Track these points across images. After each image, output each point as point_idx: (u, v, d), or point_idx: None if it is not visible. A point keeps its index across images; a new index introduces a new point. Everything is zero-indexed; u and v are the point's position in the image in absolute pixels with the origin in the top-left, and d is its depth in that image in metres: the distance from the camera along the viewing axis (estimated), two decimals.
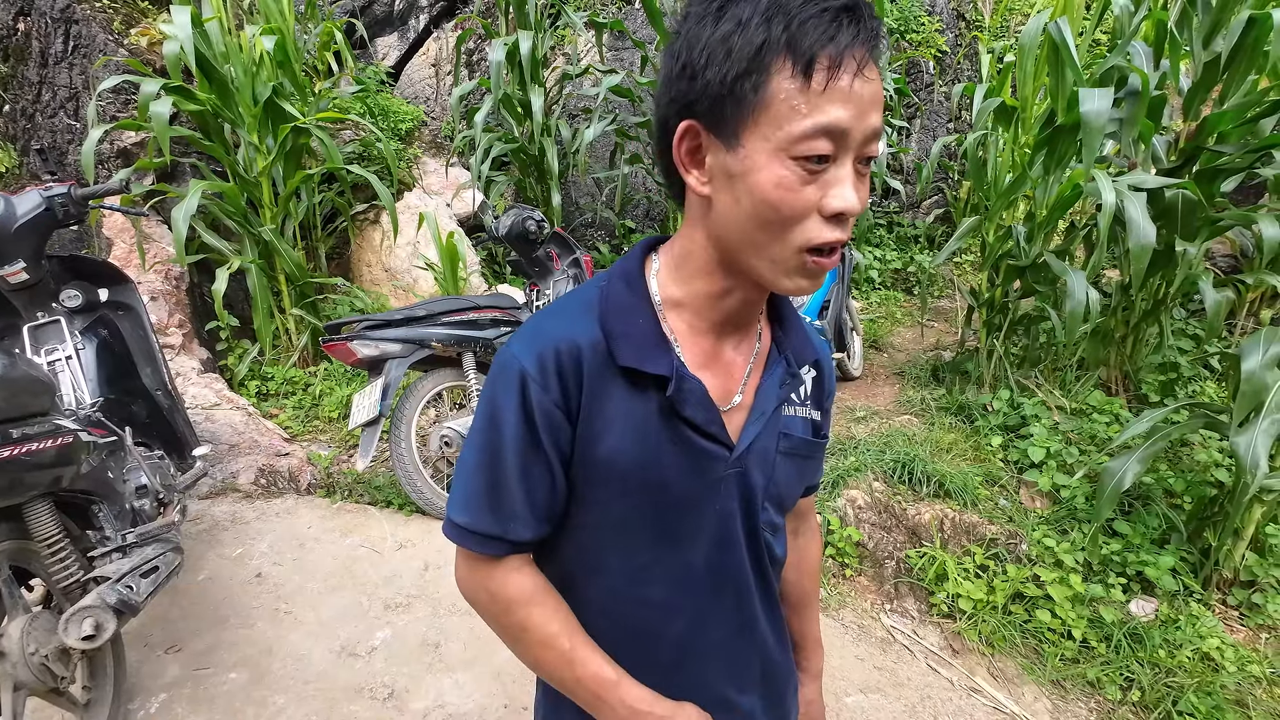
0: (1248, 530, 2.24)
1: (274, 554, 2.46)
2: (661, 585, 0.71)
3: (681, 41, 0.60)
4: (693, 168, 0.63)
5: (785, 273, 0.61)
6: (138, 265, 3.45)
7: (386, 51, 5.57)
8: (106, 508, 1.71)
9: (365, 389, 2.66)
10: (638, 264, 0.71)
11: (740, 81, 0.56)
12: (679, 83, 0.60)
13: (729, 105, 0.57)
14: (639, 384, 0.66)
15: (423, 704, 1.87)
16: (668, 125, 0.63)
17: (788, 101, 0.55)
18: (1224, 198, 2.96)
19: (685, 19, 0.61)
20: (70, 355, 2.08)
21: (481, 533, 0.68)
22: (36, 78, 3.86)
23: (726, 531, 0.72)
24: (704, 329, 0.70)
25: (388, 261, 4.28)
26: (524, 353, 0.65)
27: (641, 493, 0.68)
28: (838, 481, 2.70)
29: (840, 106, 0.55)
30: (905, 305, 5.23)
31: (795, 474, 0.77)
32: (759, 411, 0.71)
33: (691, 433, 0.67)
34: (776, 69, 0.55)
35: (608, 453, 0.66)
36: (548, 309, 0.71)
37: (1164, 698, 1.98)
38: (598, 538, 0.71)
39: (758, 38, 0.55)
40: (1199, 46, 2.75)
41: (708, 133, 0.60)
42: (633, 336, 0.66)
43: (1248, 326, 3.48)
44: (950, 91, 5.51)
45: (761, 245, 0.60)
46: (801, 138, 0.55)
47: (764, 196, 0.58)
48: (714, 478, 0.69)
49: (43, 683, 1.45)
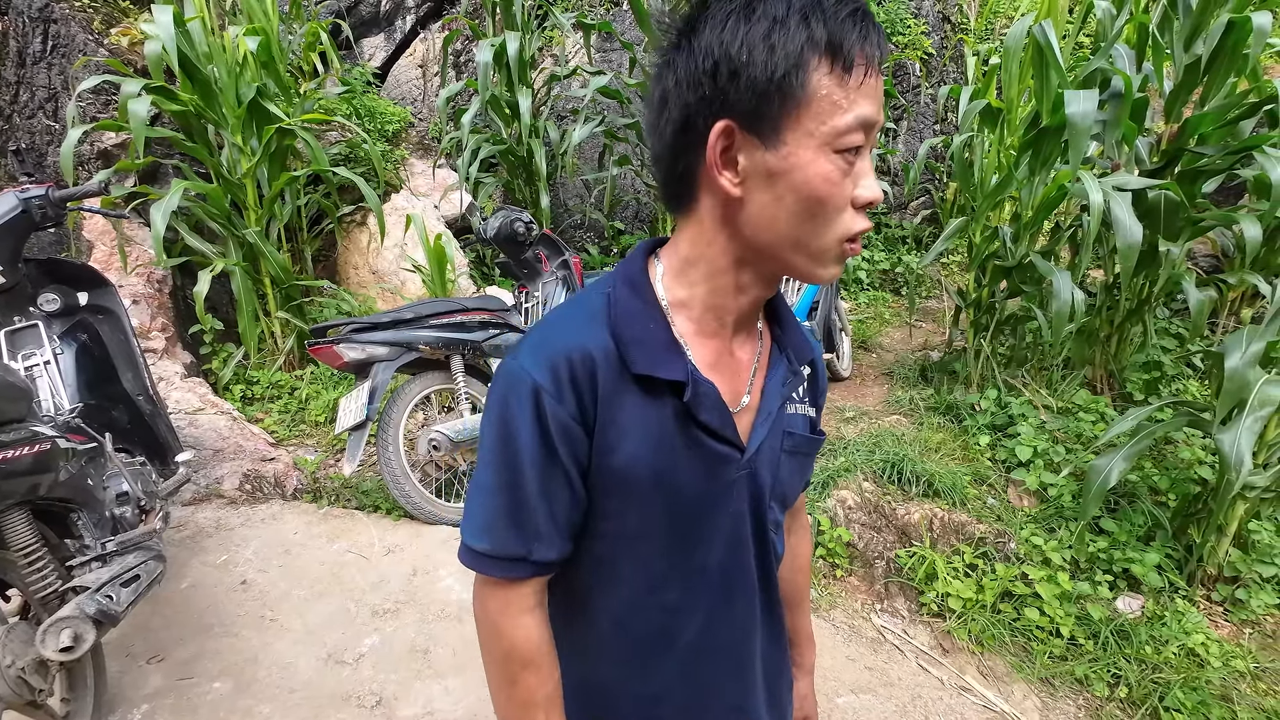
0: (1231, 527, 2.27)
1: (259, 560, 2.43)
2: (677, 590, 0.71)
3: (709, 40, 0.59)
4: (725, 169, 0.62)
5: (824, 263, 0.64)
6: (119, 268, 3.40)
7: (373, 52, 5.53)
8: (86, 515, 1.68)
9: (352, 392, 2.63)
10: (641, 268, 0.70)
11: (788, 78, 0.57)
12: (713, 81, 0.59)
13: (775, 102, 0.58)
14: (653, 390, 0.65)
15: (412, 711, 1.84)
16: (691, 127, 0.62)
17: (829, 97, 0.57)
18: (1205, 198, 3.00)
19: (702, 20, 0.60)
20: (48, 360, 2.04)
21: (506, 556, 0.66)
22: (14, 78, 3.79)
23: (737, 533, 0.72)
24: (711, 330, 0.69)
25: (375, 264, 4.25)
26: (534, 365, 0.63)
27: (658, 500, 0.67)
28: (828, 482, 2.71)
29: (870, 101, 0.59)
30: (893, 306, 5.26)
31: (798, 471, 0.78)
32: (766, 411, 0.71)
33: (706, 437, 0.66)
34: (814, 66, 0.57)
35: (624, 461, 0.65)
36: (551, 318, 0.69)
37: (1151, 693, 2.00)
38: (614, 547, 0.70)
39: (800, 35, 0.57)
40: (1180, 49, 2.79)
41: (743, 132, 0.60)
42: (646, 342, 0.65)
43: (1229, 325, 3.52)
44: (936, 93, 5.55)
45: (805, 239, 0.62)
46: (845, 131, 0.58)
47: (812, 191, 0.59)
48: (727, 480, 0.69)
49: (20, 696, 1.41)
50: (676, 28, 0.63)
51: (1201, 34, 2.72)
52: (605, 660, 0.73)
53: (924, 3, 5.98)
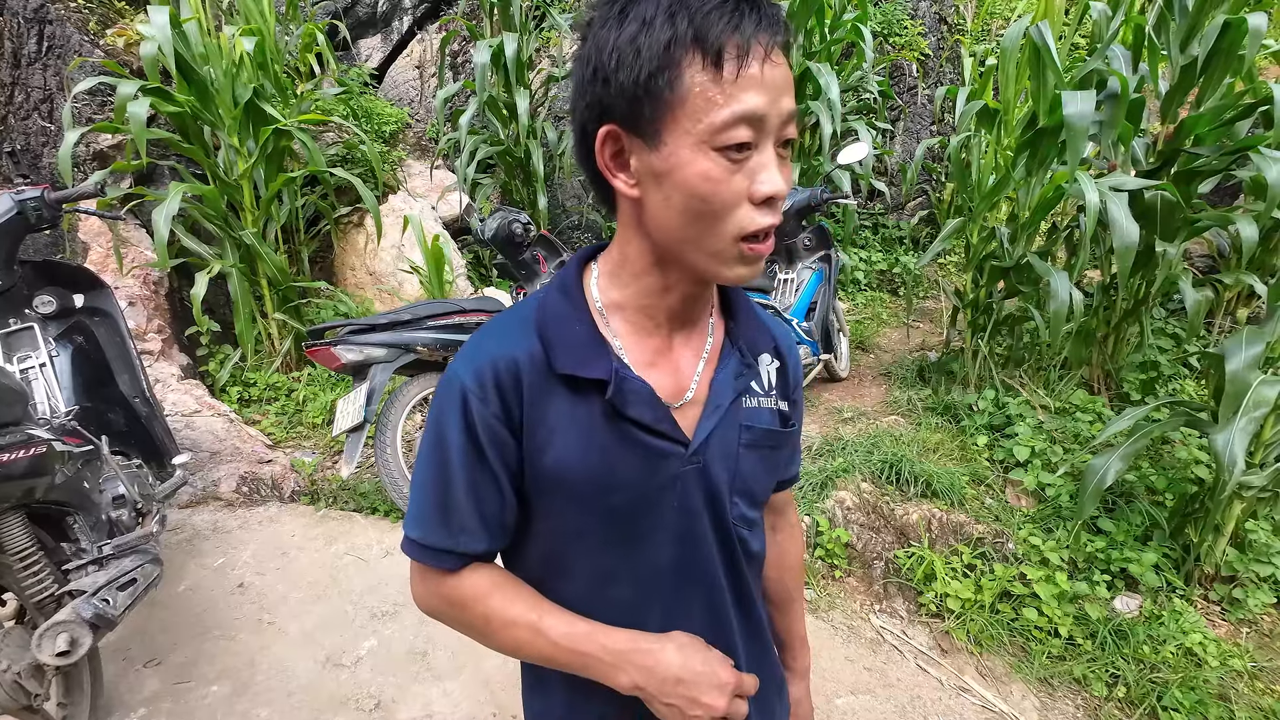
0: (1228, 526, 2.27)
1: (257, 563, 2.42)
2: (628, 586, 0.72)
3: (590, 47, 0.60)
4: (619, 171, 0.63)
5: (724, 263, 0.62)
6: (115, 270, 3.39)
7: (370, 53, 5.52)
8: (82, 519, 1.67)
9: (350, 394, 2.63)
10: (575, 272, 0.72)
11: (654, 79, 0.57)
12: (592, 88, 0.60)
13: (646, 105, 0.58)
14: (580, 390, 0.66)
15: (410, 714, 1.84)
16: (586, 132, 0.63)
17: (703, 94, 0.56)
18: (1201, 199, 3.01)
19: (589, 24, 0.61)
20: (44, 363, 2.04)
21: (434, 546, 0.69)
22: (9, 79, 3.78)
23: (691, 528, 0.72)
24: (649, 328, 0.70)
25: (372, 265, 4.24)
26: (464, 370, 0.66)
27: (595, 497, 0.68)
28: (826, 483, 2.71)
29: (754, 93, 0.56)
30: (891, 306, 5.26)
31: (762, 465, 0.77)
32: (714, 405, 0.71)
33: (640, 432, 0.67)
34: (687, 63, 0.56)
35: (555, 461, 0.66)
36: (487, 325, 0.72)
37: (1149, 693, 2.00)
38: (559, 544, 0.71)
39: (664, 34, 0.56)
40: (1176, 50, 2.80)
41: (628, 135, 0.61)
42: (569, 343, 0.66)
43: (1225, 325, 3.54)
44: (933, 94, 5.56)
45: (697, 239, 0.61)
46: (722, 127, 0.56)
47: (693, 190, 0.58)
48: (669, 474, 0.69)
49: (16, 700, 1.41)
50: (578, 37, 0.64)
51: (1197, 35, 2.72)
52: None
53: (921, 4, 5.99)
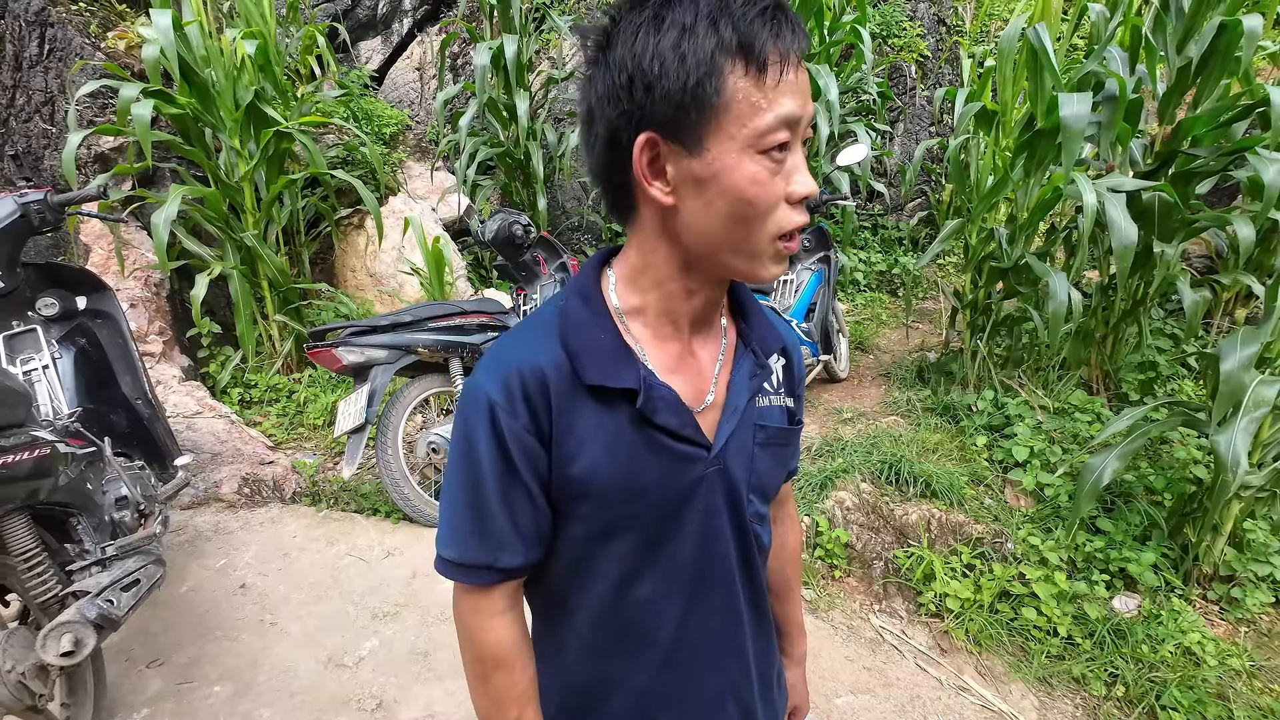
0: (1226, 526, 2.28)
1: (259, 564, 2.43)
2: (650, 585, 0.72)
3: (622, 54, 0.60)
4: (654, 179, 0.63)
5: (762, 263, 0.64)
6: (116, 272, 3.40)
7: (370, 55, 5.53)
8: (85, 520, 1.68)
9: (351, 395, 2.63)
10: (593, 278, 0.72)
11: (701, 85, 0.57)
12: (630, 95, 0.60)
13: (692, 111, 0.58)
14: (607, 399, 0.66)
15: (412, 714, 1.85)
16: (617, 141, 0.63)
17: (747, 99, 0.58)
18: (1199, 200, 3.02)
19: (610, 30, 0.61)
20: (47, 364, 2.04)
21: (471, 564, 0.69)
22: (11, 82, 3.79)
23: (712, 528, 0.72)
24: (669, 333, 0.70)
25: (373, 267, 4.25)
26: (489, 381, 0.66)
27: (623, 503, 0.68)
28: (825, 483, 2.72)
29: (791, 97, 0.59)
30: (890, 307, 5.27)
31: (775, 463, 0.78)
32: (732, 407, 0.72)
33: (667, 439, 0.68)
34: (729, 70, 0.57)
35: (584, 470, 0.66)
36: (507, 335, 0.72)
37: (1147, 692, 2.01)
38: (583, 548, 0.71)
39: (709, 41, 0.57)
40: (1173, 52, 2.81)
41: (666, 142, 0.61)
42: (596, 352, 0.66)
43: (1223, 326, 3.55)
44: (932, 96, 5.57)
45: (740, 241, 0.62)
46: (767, 131, 0.58)
47: (740, 194, 0.60)
48: (694, 478, 0.70)
49: (20, 701, 1.41)
50: (594, 43, 0.63)
51: (1194, 36, 2.73)
52: (588, 657, 0.75)
53: (919, 5, 6.01)
